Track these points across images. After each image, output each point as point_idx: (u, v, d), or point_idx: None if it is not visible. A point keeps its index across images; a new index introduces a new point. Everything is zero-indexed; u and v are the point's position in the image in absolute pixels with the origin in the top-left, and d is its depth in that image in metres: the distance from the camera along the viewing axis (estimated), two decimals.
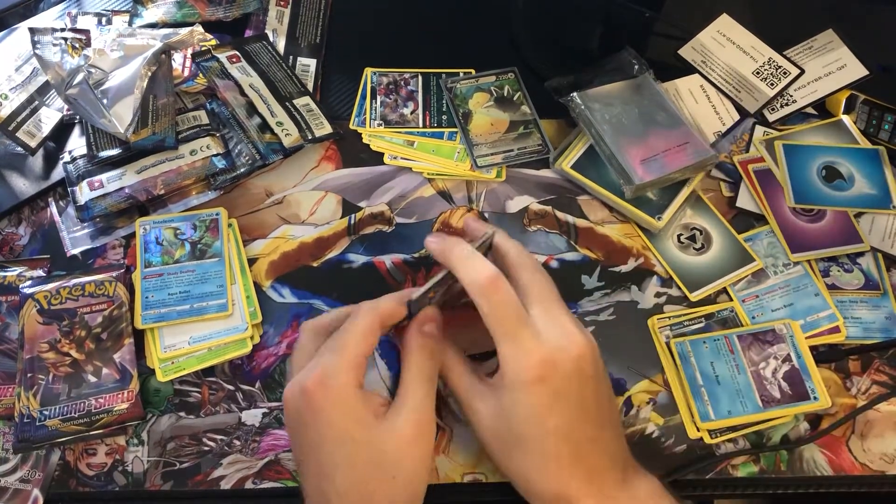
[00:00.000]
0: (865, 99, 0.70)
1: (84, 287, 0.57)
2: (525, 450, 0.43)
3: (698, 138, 0.64)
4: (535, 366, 0.43)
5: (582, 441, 0.43)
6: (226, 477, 0.54)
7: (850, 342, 0.59)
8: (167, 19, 0.71)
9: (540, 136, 0.68)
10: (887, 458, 0.56)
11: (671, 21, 0.74)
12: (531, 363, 0.43)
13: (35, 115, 0.65)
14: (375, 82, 0.70)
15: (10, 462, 0.53)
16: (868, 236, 0.63)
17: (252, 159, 0.64)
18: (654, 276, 0.62)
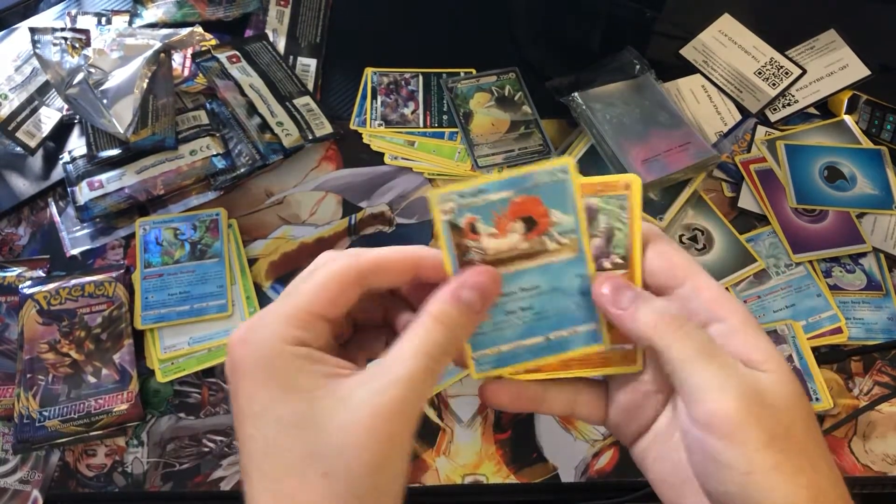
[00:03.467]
0: (867, 99, 0.70)
1: (84, 287, 0.57)
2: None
3: (700, 138, 0.64)
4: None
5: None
6: (225, 478, 0.54)
7: (853, 343, 0.59)
8: (167, 19, 0.71)
9: (541, 136, 0.67)
10: (889, 458, 0.56)
11: (673, 21, 0.74)
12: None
13: (35, 115, 0.65)
14: (376, 82, 0.70)
15: (9, 463, 0.53)
16: (870, 237, 0.63)
17: (252, 159, 0.64)
18: None
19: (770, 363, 0.29)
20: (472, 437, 0.55)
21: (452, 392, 0.57)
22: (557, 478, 0.54)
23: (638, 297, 0.31)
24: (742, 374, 0.29)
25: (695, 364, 0.29)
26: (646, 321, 0.30)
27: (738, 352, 0.30)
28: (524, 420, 0.56)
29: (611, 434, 0.56)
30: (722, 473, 0.29)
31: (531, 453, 0.55)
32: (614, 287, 0.31)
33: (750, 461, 0.28)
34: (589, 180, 0.32)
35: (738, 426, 0.28)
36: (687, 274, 0.31)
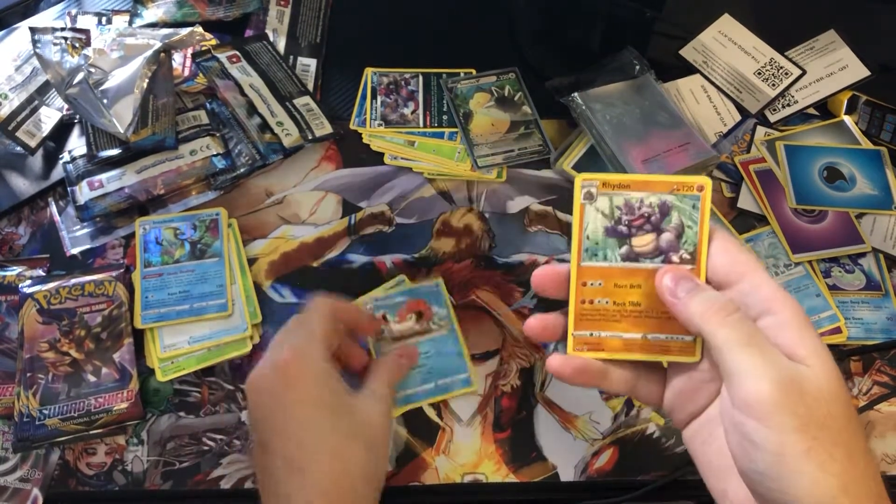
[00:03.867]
0: (867, 100, 0.70)
1: (84, 287, 0.57)
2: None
3: (699, 139, 0.64)
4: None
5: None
6: (225, 477, 0.54)
7: (852, 343, 0.59)
8: (167, 19, 0.71)
9: (541, 137, 0.67)
10: (888, 458, 0.56)
11: (672, 21, 0.74)
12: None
13: (35, 114, 0.65)
14: (376, 82, 0.70)
15: (9, 461, 0.53)
16: (869, 237, 0.63)
17: (252, 159, 0.64)
18: None
19: (813, 358, 0.32)
20: (471, 436, 0.55)
21: None
22: (557, 477, 0.55)
23: (693, 289, 0.34)
24: (782, 363, 0.31)
25: (737, 349, 0.32)
26: (696, 310, 0.33)
27: (785, 345, 0.32)
28: (524, 419, 0.56)
29: (612, 433, 0.56)
30: (755, 453, 0.31)
31: (531, 452, 0.55)
32: (675, 278, 0.35)
33: (781, 443, 0.30)
34: (666, 178, 0.36)
35: (773, 409, 0.30)
36: (747, 270, 0.34)
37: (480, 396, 0.57)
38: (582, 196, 0.36)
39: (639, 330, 0.36)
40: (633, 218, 0.36)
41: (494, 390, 0.57)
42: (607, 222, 0.36)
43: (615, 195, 0.36)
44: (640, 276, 0.36)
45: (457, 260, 0.62)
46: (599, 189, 0.36)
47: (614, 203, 0.36)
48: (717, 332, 0.33)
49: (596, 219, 0.36)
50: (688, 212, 0.35)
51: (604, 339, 0.37)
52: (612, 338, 0.37)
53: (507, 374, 0.58)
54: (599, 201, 0.36)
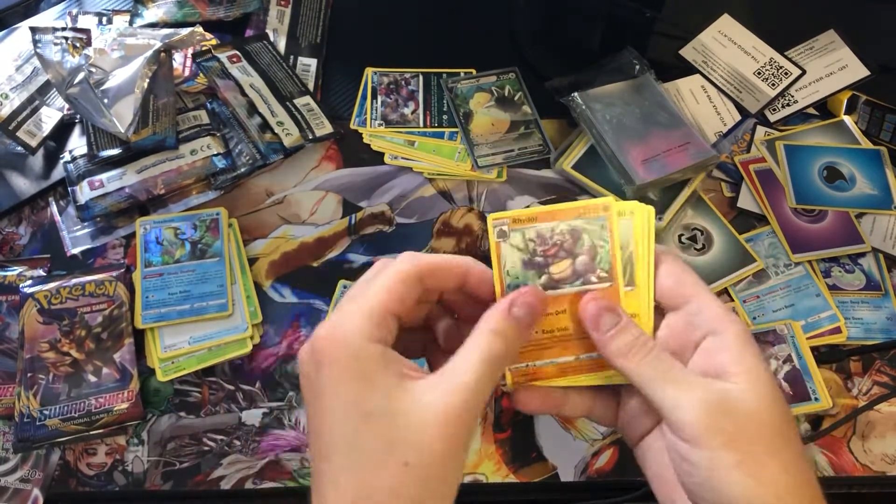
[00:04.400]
0: (867, 99, 0.70)
1: (84, 287, 0.57)
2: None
3: (699, 139, 0.64)
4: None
5: None
6: (226, 477, 0.54)
7: (852, 343, 0.59)
8: (168, 19, 0.71)
9: (541, 136, 0.68)
10: (888, 458, 0.56)
11: (672, 21, 0.74)
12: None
13: (35, 114, 0.65)
14: (376, 82, 0.70)
15: (10, 462, 0.53)
16: (869, 237, 0.63)
17: (252, 159, 0.64)
18: None
19: (744, 375, 0.33)
20: None
21: None
22: (557, 477, 0.55)
23: (615, 325, 0.35)
24: (705, 389, 0.33)
25: (658, 386, 0.34)
26: (615, 350, 0.35)
27: (723, 363, 0.34)
28: (524, 420, 0.56)
29: (611, 433, 0.56)
30: (691, 471, 0.33)
31: (531, 452, 0.55)
32: (598, 309, 0.36)
33: (712, 459, 0.32)
34: (571, 205, 0.36)
35: (701, 432, 0.32)
36: (693, 292, 0.36)
37: None
38: (495, 235, 0.37)
39: (571, 353, 0.37)
40: (546, 248, 0.36)
41: (494, 390, 0.57)
42: (523, 256, 0.36)
43: (527, 229, 0.36)
44: (564, 302, 0.36)
45: None
46: (511, 226, 0.37)
47: (527, 237, 0.36)
48: (636, 371, 0.34)
49: (512, 254, 0.36)
50: (598, 233, 0.36)
51: (540, 368, 0.37)
52: (548, 365, 0.37)
53: None
54: (512, 237, 0.36)
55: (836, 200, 0.64)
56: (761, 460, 0.32)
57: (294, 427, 0.56)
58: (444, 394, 0.31)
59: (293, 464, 0.54)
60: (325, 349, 0.32)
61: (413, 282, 0.34)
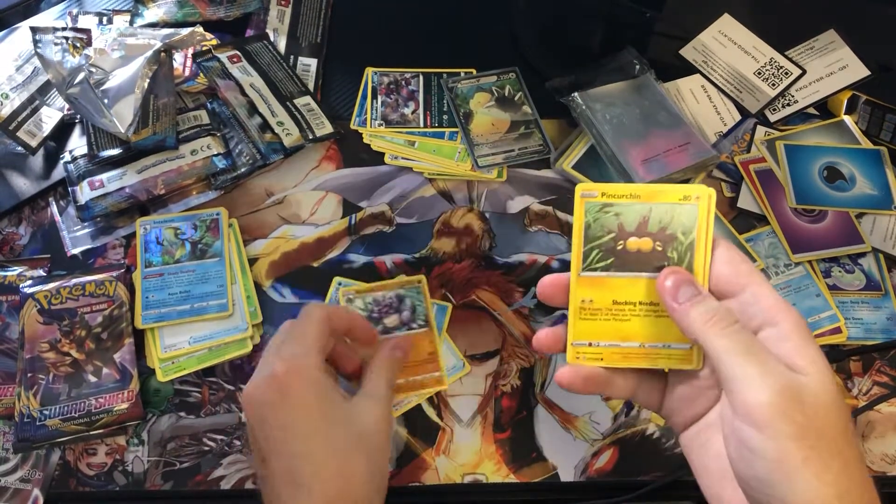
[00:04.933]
0: (867, 99, 0.70)
1: (84, 287, 0.57)
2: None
3: (699, 138, 0.64)
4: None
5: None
6: (226, 477, 0.54)
7: (852, 343, 0.59)
8: (168, 19, 0.71)
9: (541, 136, 0.68)
10: (888, 458, 0.56)
11: (672, 21, 0.74)
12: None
13: (36, 114, 0.65)
14: (376, 82, 0.70)
15: (10, 462, 0.53)
16: (869, 237, 0.63)
17: (253, 159, 0.64)
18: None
19: (812, 368, 0.32)
20: (471, 436, 0.55)
21: (452, 392, 0.57)
22: (557, 477, 0.55)
23: (695, 296, 0.35)
24: (781, 372, 0.32)
25: (736, 358, 0.32)
26: (695, 318, 0.34)
27: (785, 355, 0.33)
28: (524, 420, 0.56)
29: (612, 433, 0.56)
30: (753, 460, 0.32)
31: (531, 452, 0.55)
32: (676, 281, 0.35)
33: (779, 451, 0.31)
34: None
35: (772, 417, 0.31)
36: (749, 281, 0.35)
37: (481, 397, 0.57)
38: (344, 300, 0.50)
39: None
40: (381, 308, 0.56)
41: (494, 390, 0.57)
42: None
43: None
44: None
45: (457, 260, 0.62)
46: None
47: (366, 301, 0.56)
48: (716, 341, 0.33)
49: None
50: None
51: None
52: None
53: (507, 374, 0.58)
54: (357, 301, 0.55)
55: (837, 200, 0.64)
56: (825, 458, 0.31)
57: None
58: (375, 406, 0.44)
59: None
60: (288, 380, 0.40)
61: (325, 322, 0.44)
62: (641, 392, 0.39)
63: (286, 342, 0.43)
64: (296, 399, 0.40)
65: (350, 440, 0.40)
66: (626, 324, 0.37)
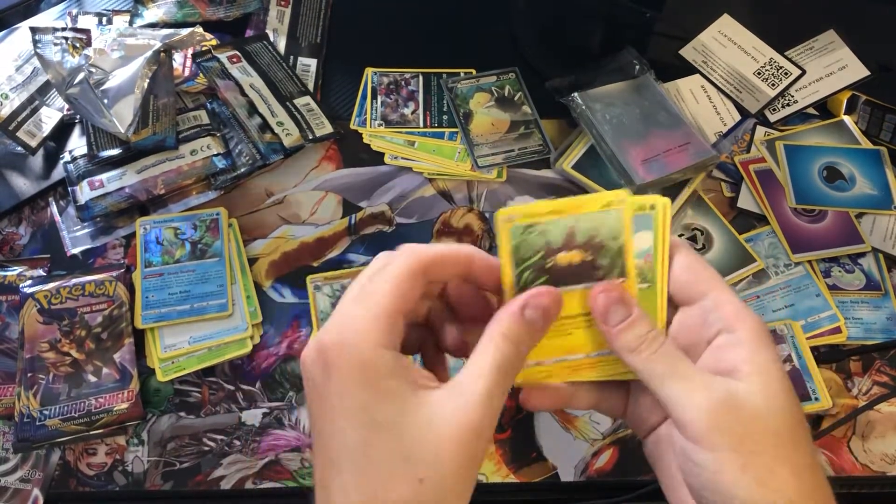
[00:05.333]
0: (867, 99, 0.70)
1: (84, 287, 0.57)
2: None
3: (699, 139, 0.64)
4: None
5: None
6: (226, 477, 0.54)
7: (852, 343, 0.59)
8: (168, 19, 0.71)
9: (541, 137, 0.68)
10: (888, 458, 0.56)
11: (672, 21, 0.74)
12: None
13: (35, 114, 0.65)
14: (376, 82, 0.70)
15: (10, 462, 0.53)
16: (869, 237, 0.63)
17: (252, 159, 0.64)
18: None
19: (755, 375, 0.32)
20: None
21: None
22: (557, 477, 0.55)
23: (623, 319, 0.34)
24: (712, 387, 0.32)
25: (666, 382, 0.33)
26: (624, 345, 0.34)
27: (734, 361, 0.33)
28: (524, 420, 0.56)
29: (612, 434, 0.56)
30: (697, 472, 0.32)
31: (531, 452, 0.55)
32: (607, 301, 0.34)
33: (718, 461, 0.31)
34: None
35: (706, 432, 0.31)
36: (710, 287, 0.34)
37: None
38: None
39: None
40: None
41: None
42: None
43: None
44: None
45: None
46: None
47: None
48: (644, 367, 0.33)
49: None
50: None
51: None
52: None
53: None
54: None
55: (836, 200, 0.64)
56: (769, 464, 0.30)
57: (294, 427, 0.56)
58: (459, 409, 0.29)
59: (293, 464, 0.54)
60: (332, 355, 0.30)
61: (417, 276, 0.32)
62: (604, 402, 0.38)
63: (354, 296, 0.32)
64: (337, 386, 0.30)
65: (396, 456, 0.29)
66: (569, 338, 0.36)
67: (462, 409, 0.29)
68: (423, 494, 0.29)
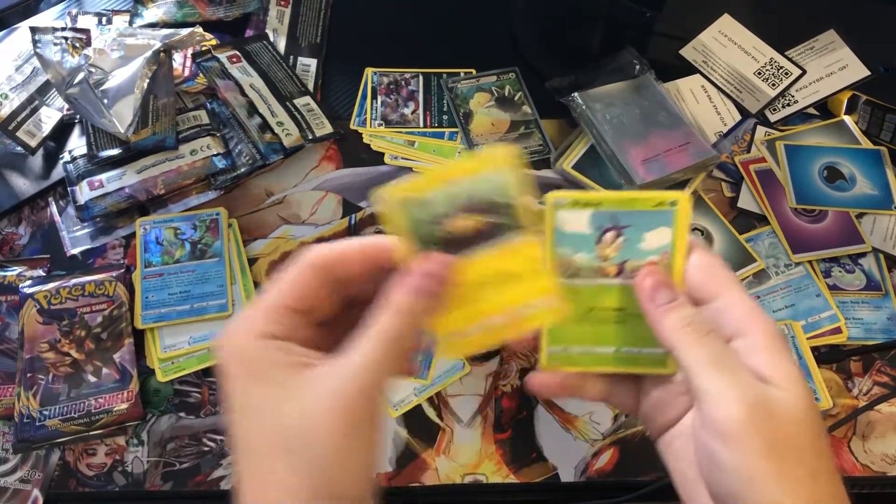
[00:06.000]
0: (867, 99, 0.70)
1: (84, 287, 0.57)
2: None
3: (699, 138, 0.64)
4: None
5: None
6: (226, 477, 0.54)
7: (852, 343, 0.59)
8: (167, 19, 0.71)
9: (541, 137, 0.67)
10: (889, 458, 0.56)
11: (672, 21, 0.74)
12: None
13: (35, 114, 0.65)
14: (376, 82, 0.70)
15: (9, 462, 0.53)
16: (869, 237, 0.63)
17: (252, 159, 0.64)
18: None
19: (784, 381, 0.31)
20: (471, 436, 0.55)
21: (452, 392, 0.57)
22: (557, 477, 0.55)
23: (671, 300, 0.33)
24: (752, 385, 0.31)
25: (708, 369, 0.31)
26: (670, 325, 0.33)
27: (757, 366, 0.32)
28: (524, 420, 0.56)
29: (612, 434, 0.56)
30: (723, 477, 0.31)
31: (531, 453, 0.55)
32: (655, 283, 0.34)
33: (747, 466, 0.30)
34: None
35: (741, 433, 0.30)
36: (723, 288, 0.34)
37: (481, 397, 0.57)
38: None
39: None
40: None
41: (495, 390, 0.57)
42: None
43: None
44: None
45: None
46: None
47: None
48: (688, 351, 0.32)
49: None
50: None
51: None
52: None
53: (508, 374, 0.58)
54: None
55: (837, 200, 0.64)
56: (795, 473, 0.30)
57: None
58: (337, 378, 0.29)
59: None
60: (222, 354, 0.30)
61: (315, 273, 0.32)
62: (615, 395, 0.38)
63: (260, 295, 0.32)
64: (227, 381, 0.30)
65: (273, 436, 0.29)
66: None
67: (340, 378, 0.29)
68: (296, 467, 0.28)
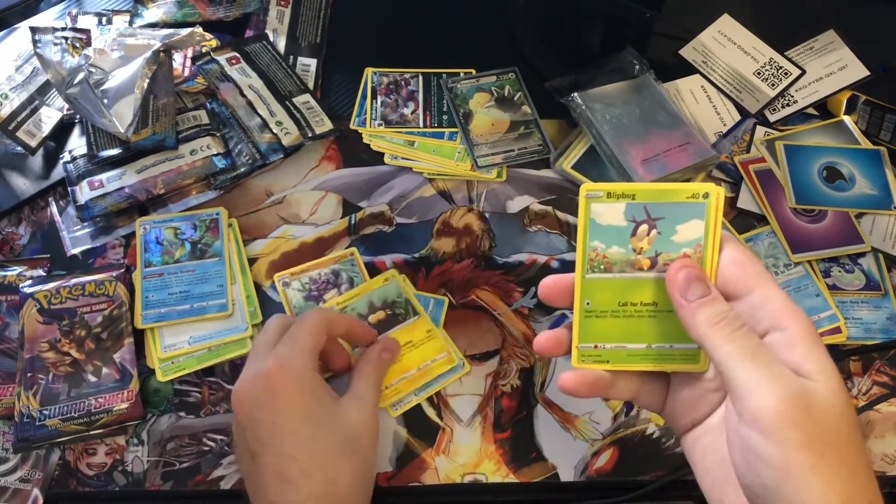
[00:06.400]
0: (867, 99, 0.70)
1: (84, 287, 0.57)
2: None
3: (699, 139, 0.64)
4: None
5: None
6: (226, 477, 0.54)
7: (851, 343, 0.59)
8: (167, 19, 0.71)
9: (540, 136, 0.68)
10: (888, 458, 0.56)
11: (672, 21, 0.74)
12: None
13: (35, 114, 0.65)
14: (376, 82, 0.70)
15: (10, 462, 0.53)
16: (869, 237, 0.63)
17: (252, 159, 0.64)
18: None
19: (821, 374, 0.31)
20: (471, 436, 0.55)
21: (452, 391, 0.57)
22: (557, 477, 0.55)
23: (704, 296, 0.34)
24: (789, 378, 0.31)
25: (743, 363, 0.31)
26: (703, 320, 0.33)
27: (793, 360, 0.32)
28: (524, 419, 0.56)
29: (611, 433, 0.56)
30: (760, 467, 0.31)
31: (530, 452, 0.55)
32: (687, 277, 0.34)
33: (787, 458, 0.30)
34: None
35: (780, 424, 0.30)
36: (758, 283, 0.34)
37: (481, 397, 0.57)
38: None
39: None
40: (318, 286, 0.59)
41: (494, 390, 0.57)
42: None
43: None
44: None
45: (457, 260, 0.62)
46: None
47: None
48: (722, 346, 0.32)
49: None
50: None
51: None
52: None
53: (507, 374, 0.58)
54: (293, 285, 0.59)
55: (836, 200, 0.64)
56: (834, 466, 0.30)
57: None
58: (362, 409, 0.47)
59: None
60: (276, 378, 0.43)
61: (323, 329, 0.47)
62: (643, 394, 0.38)
63: (282, 342, 0.46)
64: (284, 399, 0.43)
65: (336, 441, 0.44)
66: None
67: (363, 409, 0.47)
68: (357, 465, 0.44)
